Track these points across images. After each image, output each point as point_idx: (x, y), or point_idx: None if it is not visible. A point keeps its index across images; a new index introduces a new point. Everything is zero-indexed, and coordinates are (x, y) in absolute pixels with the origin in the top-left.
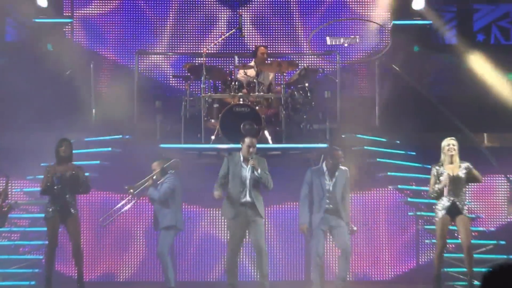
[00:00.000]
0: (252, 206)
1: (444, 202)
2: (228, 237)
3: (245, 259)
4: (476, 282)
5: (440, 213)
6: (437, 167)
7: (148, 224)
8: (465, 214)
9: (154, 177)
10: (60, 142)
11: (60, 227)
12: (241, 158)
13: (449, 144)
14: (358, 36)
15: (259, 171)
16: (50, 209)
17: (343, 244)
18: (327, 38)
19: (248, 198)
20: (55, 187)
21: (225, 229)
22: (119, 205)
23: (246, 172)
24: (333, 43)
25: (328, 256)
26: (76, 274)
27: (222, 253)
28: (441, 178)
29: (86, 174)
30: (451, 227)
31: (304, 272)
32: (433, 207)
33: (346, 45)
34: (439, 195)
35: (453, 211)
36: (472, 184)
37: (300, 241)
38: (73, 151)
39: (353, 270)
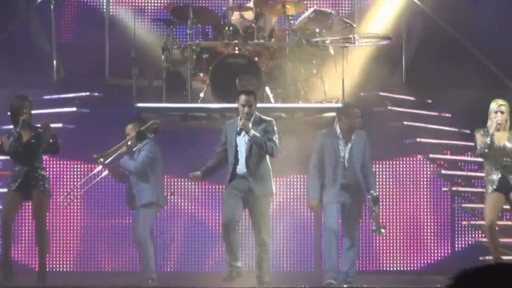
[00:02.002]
0: (253, 179)
1: (492, 176)
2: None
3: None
4: None
5: (491, 188)
6: (481, 132)
7: (120, 201)
8: None
9: (129, 143)
10: (23, 101)
11: (21, 205)
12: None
13: (498, 110)
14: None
15: (250, 133)
16: (13, 184)
17: (349, 236)
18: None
19: (244, 170)
20: (17, 157)
21: (219, 207)
22: (86, 178)
23: (240, 137)
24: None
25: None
26: (37, 264)
27: (215, 237)
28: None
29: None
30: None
31: (314, 262)
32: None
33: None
34: (488, 146)
35: (506, 188)
36: None
37: (309, 223)
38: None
39: (373, 258)
